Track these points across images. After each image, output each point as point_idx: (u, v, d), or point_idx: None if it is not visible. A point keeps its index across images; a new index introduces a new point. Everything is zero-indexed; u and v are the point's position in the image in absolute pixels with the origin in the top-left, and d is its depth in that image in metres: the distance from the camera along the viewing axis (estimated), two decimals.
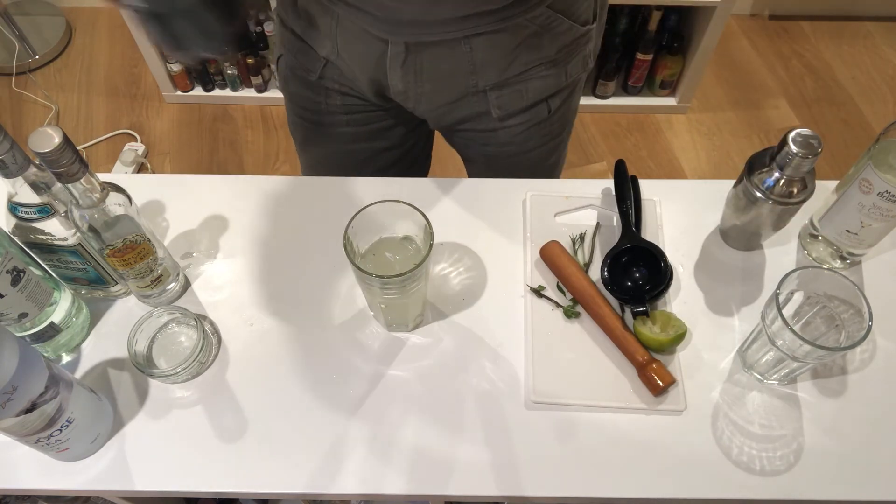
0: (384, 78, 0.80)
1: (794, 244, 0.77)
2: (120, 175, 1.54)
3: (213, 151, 2.02)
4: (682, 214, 0.79)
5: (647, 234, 0.77)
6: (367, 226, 0.63)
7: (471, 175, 1.01)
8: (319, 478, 0.62)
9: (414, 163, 1.04)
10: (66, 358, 0.69)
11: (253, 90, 2.10)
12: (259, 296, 0.73)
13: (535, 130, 0.88)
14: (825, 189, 0.75)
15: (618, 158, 0.79)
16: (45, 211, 0.60)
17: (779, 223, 0.71)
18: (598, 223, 0.78)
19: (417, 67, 0.77)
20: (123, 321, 0.71)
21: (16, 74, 2.14)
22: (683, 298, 0.73)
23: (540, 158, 0.94)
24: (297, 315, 0.72)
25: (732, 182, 0.72)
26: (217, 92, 2.10)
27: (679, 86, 2.04)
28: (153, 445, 0.64)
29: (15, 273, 0.59)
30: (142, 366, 0.65)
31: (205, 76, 2.05)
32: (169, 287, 0.71)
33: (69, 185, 0.55)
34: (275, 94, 2.10)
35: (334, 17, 0.77)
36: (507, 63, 0.77)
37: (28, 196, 0.58)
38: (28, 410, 0.53)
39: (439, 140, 1.01)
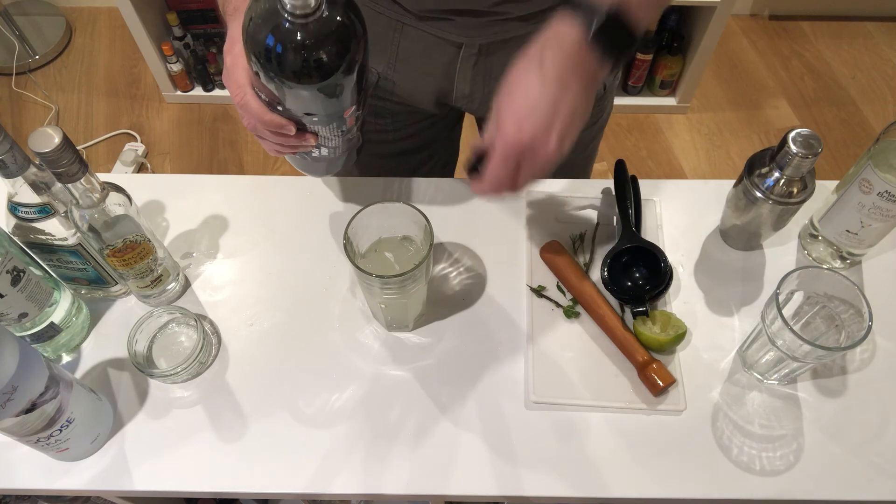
0: (449, 84, 0.79)
1: (794, 244, 0.77)
2: (120, 175, 1.54)
3: (213, 151, 2.02)
4: (682, 214, 0.79)
5: (647, 234, 0.77)
6: (367, 226, 0.63)
7: None
8: (319, 478, 0.62)
9: (449, 161, 1.05)
10: (66, 358, 0.69)
11: None
12: (259, 296, 0.73)
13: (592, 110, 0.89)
14: (825, 189, 0.75)
15: (618, 158, 0.79)
16: (45, 211, 0.60)
17: (779, 223, 0.71)
18: (598, 223, 0.78)
19: (487, 68, 0.77)
20: (123, 321, 0.71)
21: (16, 74, 2.14)
22: (683, 298, 0.73)
23: (589, 142, 0.94)
24: (297, 315, 0.72)
25: (732, 182, 0.72)
26: (217, 92, 2.10)
27: (679, 86, 2.04)
28: (153, 445, 0.64)
29: (15, 273, 0.59)
30: (142, 366, 0.65)
31: (205, 76, 2.05)
32: (169, 287, 0.71)
33: (69, 185, 0.55)
34: None
35: (397, 30, 0.75)
36: None
37: (28, 196, 0.59)
38: (28, 410, 0.53)
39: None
